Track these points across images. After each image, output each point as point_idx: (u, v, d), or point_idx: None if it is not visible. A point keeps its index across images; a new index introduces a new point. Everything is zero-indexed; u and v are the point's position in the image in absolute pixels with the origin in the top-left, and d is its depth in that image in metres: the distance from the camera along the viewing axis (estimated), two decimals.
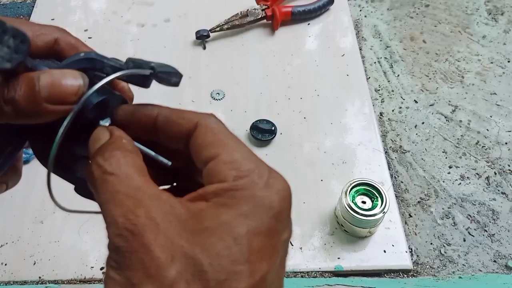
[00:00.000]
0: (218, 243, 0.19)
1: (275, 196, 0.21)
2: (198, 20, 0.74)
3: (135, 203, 0.20)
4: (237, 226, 0.20)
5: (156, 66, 0.25)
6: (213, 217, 0.20)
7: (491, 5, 0.79)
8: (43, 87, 0.22)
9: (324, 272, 0.51)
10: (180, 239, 0.19)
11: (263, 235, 0.20)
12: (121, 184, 0.21)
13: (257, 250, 0.20)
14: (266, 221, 0.21)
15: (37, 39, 0.25)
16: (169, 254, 0.19)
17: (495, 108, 0.66)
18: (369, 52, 0.73)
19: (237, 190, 0.21)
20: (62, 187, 0.27)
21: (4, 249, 0.53)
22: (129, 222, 0.20)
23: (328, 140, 0.62)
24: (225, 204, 0.20)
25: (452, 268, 0.52)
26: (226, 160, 0.22)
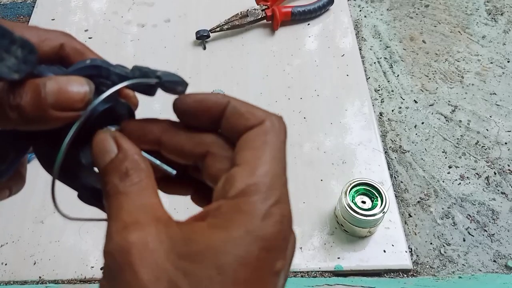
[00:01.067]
0: (201, 271, 0.19)
1: (271, 228, 0.20)
2: (198, 20, 0.74)
3: (133, 220, 0.20)
4: (224, 253, 0.19)
5: (162, 75, 0.25)
6: (202, 241, 0.19)
7: (490, 5, 0.79)
8: (49, 94, 0.22)
9: (324, 272, 0.51)
10: (166, 261, 0.19)
11: (251, 266, 0.19)
12: (127, 202, 0.21)
13: (242, 281, 0.19)
14: (256, 252, 0.19)
15: (43, 44, 0.25)
16: (153, 276, 0.19)
17: (495, 108, 0.66)
18: (369, 52, 0.73)
19: (234, 213, 0.20)
20: (63, 192, 0.27)
21: (5, 249, 0.53)
22: (120, 239, 0.20)
23: (328, 140, 0.62)
24: (217, 226, 0.20)
25: (452, 268, 0.52)
26: (244, 173, 0.21)
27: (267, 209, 0.20)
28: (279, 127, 0.24)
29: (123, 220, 0.20)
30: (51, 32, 0.26)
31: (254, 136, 0.23)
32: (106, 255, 0.20)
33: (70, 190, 0.28)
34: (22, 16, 0.79)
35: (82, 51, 0.27)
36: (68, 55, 0.27)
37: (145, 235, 0.20)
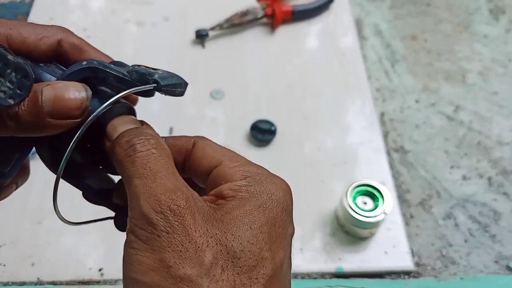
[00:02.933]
0: (247, 231, 0.21)
1: (281, 191, 0.23)
2: (197, 19, 0.74)
3: (176, 186, 0.21)
4: (260, 216, 0.22)
5: (160, 79, 0.25)
6: (238, 208, 0.22)
7: (492, 5, 0.78)
8: (46, 102, 0.22)
9: (325, 273, 0.51)
10: (213, 228, 0.21)
11: (278, 226, 0.22)
12: (162, 166, 0.22)
13: (275, 239, 0.22)
14: (279, 213, 0.22)
15: (40, 42, 0.25)
16: (205, 239, 0.20)
17: (497, 108, 0.65)
18: (370, 51, 0.73)
19: (250, 185, 0.23)
20: (63, 194, 0.26)
21: (3, 250, 0.52)
22: (173, 202, 0.20)
23: (329, 140, 0.61)
24: (243, 198, 0.22)
25: (453, 269, 0.52)
26: (230, 165, 0.24)
27: (271, 181, 0.23)
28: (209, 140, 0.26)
29: (167, 185, 0.21)
30: (48, 28, 0.26)
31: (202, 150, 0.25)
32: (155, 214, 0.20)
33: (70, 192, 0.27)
34: (20, 15, 0.78)
35: (80, 47, 0.27)
36: (66, 51, 0.27)
37: (192, 204, 0.21)
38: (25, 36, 0.25)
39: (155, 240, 0.20)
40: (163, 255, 0.19)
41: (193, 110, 0.65)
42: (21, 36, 0.25)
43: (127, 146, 0.23)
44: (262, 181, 0.23)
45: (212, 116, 0.64)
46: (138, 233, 0.20)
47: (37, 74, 0.24)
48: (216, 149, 0.25)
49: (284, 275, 0.22)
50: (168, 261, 0.19)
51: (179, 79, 0.26)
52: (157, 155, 0.22)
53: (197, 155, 0.25)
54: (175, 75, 0.26)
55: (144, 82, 0.24)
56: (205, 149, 0.25)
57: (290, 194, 0.24)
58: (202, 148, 0.25)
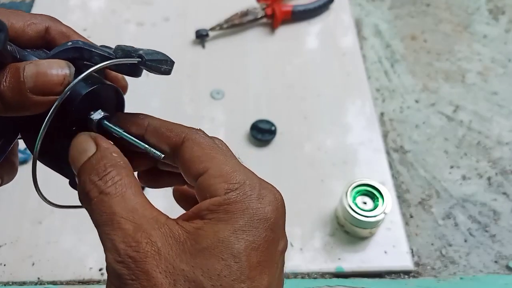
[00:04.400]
0: (218, 263, 0.19)
1: (269, 207, 0.21)
2: (197, 19, 0.74)
3: (135, 227, 0.20)
4: (235, 242, 0.20)
5: (145, 54, 0.24)
6: (211, 236, 0.20)
7: (492, 5, 0.78)
8: (28, 77, 0.22)
9: (325, 273, 0.51)
10: (181, 262, 0.19)
11: (261, 248, 0.20)
12: (118, 205, 0.21)
13: (256, 264, 0.20)
14: (263, 234, 0.21)
15: (28, 28, 0.25)
16: (172, 279, 0.19)
17: (497, 108, 0.65)
18: (370, 51, 0.73)
19: (230, 204, 0.21)
20: (51, 182, 0.26)
21: (3, 249, 0.52)
22: (131, 249, 0.19)
23: (329, 140, 0.61)
24: (220, 220, 0.20)
25: (453, 269, 0.52)
26: (216, 174, 0.22)
27: (258, 193, 0.22)
28: (203, 134, 0.25)
29: (125, 229, 0.20)
30: (36, 16, 0.26)
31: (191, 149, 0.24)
32: (117, 264, 0.19)
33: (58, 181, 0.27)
34: None
35: (67, 34, 0.27)
36: (53, 38, 0.26)
37: (154, 241, 0.20)
38: (12, 22, 0.25)
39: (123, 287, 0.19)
40: None
41: (193, 110, 0.65)
42: (8, 22, 0.24)
43: (82, 195, 0.22)
44: (246, 197, 0.21)
45: (212, 116, 0.64)
46: (112, 281, 0.20)
47: (23, 56, 0.24)
48: (204, 151, 0.23)
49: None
50: None
51: (165, 56, 0.25)
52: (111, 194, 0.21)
53: (186, 157, 0.23)
54: (160, 52, 0.25)
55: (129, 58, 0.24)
56: (193, 150, 0.23)
57: (281, 207, 0.22)
58: (191, 149, 0.23)
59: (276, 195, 0.22)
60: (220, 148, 0.24)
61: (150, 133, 0.25)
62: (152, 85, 0.65)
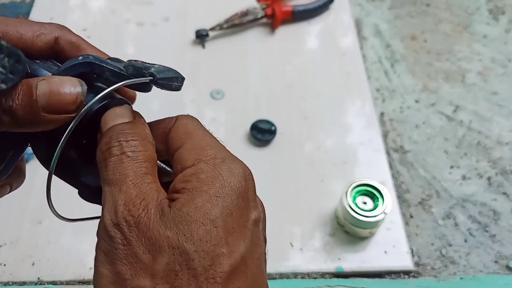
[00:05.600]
0: (199, 229, 0.20)
1: (238, 177, 0.22)
2: (197, 19, 0.74)
3: (138, 194, 0.21)
4: (212, 208, 0.21)
5: (156, 73, 0.24)
6: (189, 203, 0.21)
7: (492, 5, 0.78)
8: (41, 96, 0.22)
9: (325, 273, 0.51)
10: (165, 229, 0.20)
11: (235, 214, 0.21)
12: (132, 170, 0.22)
13: (231, 230, 0.21)
14: (235, 201, 0.21)
15: (37, 39, 0.25)
16: (158, 246, 0.20)
17: (496, 108, 0.65)
18: (370, 51, 0.73)
19: (202, 173, 0.22)
20: (59, 192, 0.26)
21: (3, 249, 0.52)
22: (129, 213, 0.20)
23: (329, 140, 0.61)
24: (195, 188, 0.21)
25: (453, 269, 0.52)
26: (189, 148, 0.23)
27: (228, 165, 0.22)
28: (191, 117, 0.26)
29: (130, 193, 0.21)
30: (45, 26, 0.26)
31: (176, 129, 0.25)
32: (112, 227, 0.20)
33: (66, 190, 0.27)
34: (21, 15, 0.78)
35: (77, 44, 0.27)
36: (63, 49, 0.26)
37: (150, 209, 0.20)
38: (21, 33, 0.25)
39: (113, 253, 0.20)
40: (120, 267, 0.20)
41: (193, 110, 0.65)
42: (17, 33, 0.24)
43: (105, 148, 0.23)
44: (215, 167, 0.22)
45: (212, 116, 0.64)
46: (101, 244, 0.20)
47: (33, 70, 0.24)
48: (186, 129, 0.24)
49: (249, 267, 0.21)
50: (124, 273, 0.19)
51: (176, 73, 0.25)
52: (132, 158, 0.22)
53: (170, 136, 0.24)
54: (171, 69, 0.25)
55: (140, 76, 0.24)
56: (178, 129, 0.24)
57: (250, 179, 0.23)
58: (176, 129, 0.24)
59: (245, 169, 0.23)
60: (201, 128, 0.25)
61: None
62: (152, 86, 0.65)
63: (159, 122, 0.26)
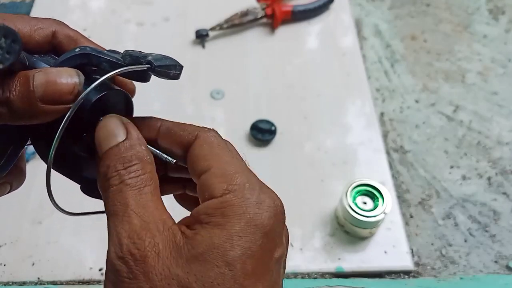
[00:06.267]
0: (212, 270, 0.19)
1: (266, 213, 0.21)
2: (197, 19, 0.74)
3: (142, 224, 0.20)
4: (230, 249, 0.19)
5: (154, 60, 0.24)
6: (206, 241, 0.20)
7: (492, 5, 0.78)
8: (38, 86, 0.22)
9: (325, 273, 0.51)
10: (176, 267, 0.19)
11: (256, 256, 0.20)
12: (133, 199, 0.21)
13: (251, 272, 0.20)
14: (259, 241, 0.20)
15: (35, 34, 0.25)
16: (166, 283, 0.19)
17: (496, 108, 0.65)
18: (370, 51, 0.73)
19: (227, 207, 0.20)
20: (61, 189, 0.26)
21: (3, 249, 0.52)
22: (134, 246, 0.19)
23: (329, 140, 0.61)
24: (217, 225, 0.20)
25: (453, 269, 0.52)
26: (218, 173, 0.22)
27: (257, 197, 0.21)
28: (215, 133, 0.24)
29: (133, 223, 0.20)
30: (43, 21, 0.26)
31: (200, 147, 0.23)
32: (117, 260, 0.20)
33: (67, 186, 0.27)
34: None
35: (75, 38, 0.27)
36: (61, 43, 0.26)
37: (156, 242, 0.20)
38: (19, 27, 0.24)
39: (120, 286, 0.19)
40: None
41: (193, 110, 0.65)
42: (15, 27, 0.24)
43: (103, 179, 0.22)
44: (244, 200, 0.21)
45: (212, 116, 0.64)
46: (109, 275, 0.20)
47: (32, 63, 0.24)
48: (212, 150, 0.23)
49: None
50: None
51: (174, 61, 0.25)
52: (131, 186, 0.21)
53: (194, 154, 0.23)
54: (169, 57, 0.25)
55: (138, 64, 0.24)
56: (202, 147, 0.23)
57: (280, 214, 0.22)
58: (200, 146, 0.23)
59: (275, 201, 0.22)
60: (228, 149, 0.24)
61: (163, 134, 0.25)
62: (152, 86, 0.65)
63: (182, 129, 0.24)
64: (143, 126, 0.25)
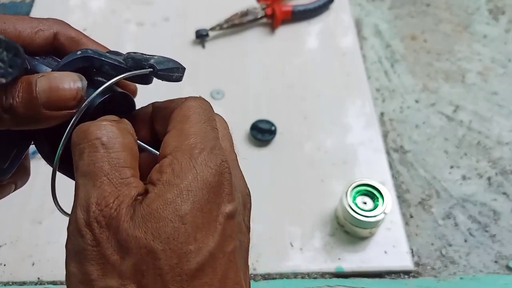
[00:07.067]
0: (167, 226, 0.19)
1: (212, 170, 0.21)
2: (197, 19, 0.74)
3: (113, 191, 0.20)
4: (182, 203, 0.20)
5: (156, 64, 0.24)
6: (160, 198, 0.20)
7: (492, 5, 0.78)
8: (41, 93, 0.22)
9: (325, 273, 0.51)
10: (135, 229, 0.19)
11: (205, 209, 0.20)
12: (109, 162, 0.21)
13: (201, 225, 0.20)
14: (206, 195, 0.20)
15: (36, 36, 0.25)
16: (126, 247, 0.19)
17: (496, 108, 0.65)
18: (370, 51, 0.73)
19: (176, 164, 0.21)
20: (63, 191, 0.26)
21: (3, 249, 0.52)
22: (101, 214, 0.19)
23: (329, 140, 0.61)
24: (168, 181, 0.20)
25: (453, 269, 0.52)
26: (175, 134, 0.22)
27: (204, 157, 0.21)
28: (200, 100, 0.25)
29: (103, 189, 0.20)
30: (44, 21, 0.26)
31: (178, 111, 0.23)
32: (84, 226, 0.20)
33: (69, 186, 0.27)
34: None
35: (77, 39, 0.27)
36: (62, 44, 0.26)
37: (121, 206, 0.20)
38: (20, 30, 0.24)
39: (82, 253, 0.20)
40: (87, 268, 0.19)
41: None
42: (15, 30, 0.24)
43: (80, 131, 0.22)
44: (190, 158, 0.21)
45: None
46: (71, 242, 0.20)
47: (33, 66, 0.24)
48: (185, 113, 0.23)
49: (219, 261, 0.20)
50: (91, 274, 0.19)
51: (176, 64, 0.25)
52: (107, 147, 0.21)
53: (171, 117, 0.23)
54: (171, 60, 0.25)
55: (140, 68, 0.24)
56: (180, 111, 0.23)
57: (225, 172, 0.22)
58: (179, 110, 0.23)
59: (222, 162, 0.22)
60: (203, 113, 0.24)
61: (155, 112, 0.25)
62: (152, 86, 0.65)
63: (171, 102, 0.25)
64: (138, 116, 0.26)
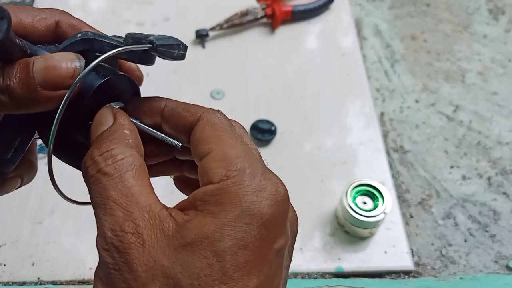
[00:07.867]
0: (199, 261, 0.18)
1: (266, 201, 0.19)
2: (197, 19, 0.74)
3: (125, 215, 0.19)
4: (219, 239, 0.18)
5: (155, 40, 0.23)
6: (197, 230, 0.19)
7: (492, 5, 0.78)
8: (37, 72, 0.21)
9: (325, 273, 0.51)
10: (163, 257, 0.18)
11: (251, 246, 0.19)
12: (114, 188, 0.20)
13: (243, 264, 0.18)
14: (255, 231, 0.19)
15: (38, 24, 0.25)
16: (150, 274, 0.18)
17: (496, 108, 0.65)
18: (370, 51, 0.73)
19: (223, 195, 0.19)
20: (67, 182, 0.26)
21: (3, 249, 0.52)
22: (117, 239, 0.19)
23: (329, 140, 0.61)
24: (210, 213, 0.19)
25: (453, 268, 0.52)
26: (217, 157, 0.21)
27: (257, 184, 0.19)
28: (220, 115, 0.23)
29: (115, 215, 0.19)
30: (45, 11, 0.25)
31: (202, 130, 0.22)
32: (103, 251, 0.19)
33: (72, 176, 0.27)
34: None
35: (78, 27, 0.26)
36: (64, 32, 0.26)
37: (140, 233, 0.19)
38: (21, 17, 0.24)
39: (107, 277, 0.19)
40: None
41: None
42: (17, 18, 0.24)
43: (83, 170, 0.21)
44: (241, 187, 0.19)
45: None
46: (100, 264, 0.20)
47: (34, 51, 0.23)
48: (215, 132, 0.22)
49: None
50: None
51: (177, 41, 0.24)
52: (109, 174, 0.20)
53: (196, 137, 0.22)
54: (172, 37, 0.25)
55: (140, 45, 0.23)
56: (204, 129, 0.22)
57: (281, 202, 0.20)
58: (202, 128, 0.22)
59: (278, 188, 0.20)
60: (232, 131, 0.22)
61: (167, 115, 0.24)
62: (152, 85, 0.65)
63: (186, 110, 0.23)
64: (147, 108, 0.24)
